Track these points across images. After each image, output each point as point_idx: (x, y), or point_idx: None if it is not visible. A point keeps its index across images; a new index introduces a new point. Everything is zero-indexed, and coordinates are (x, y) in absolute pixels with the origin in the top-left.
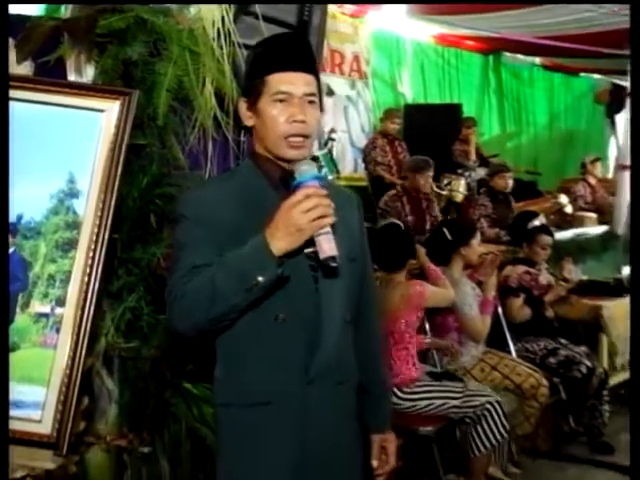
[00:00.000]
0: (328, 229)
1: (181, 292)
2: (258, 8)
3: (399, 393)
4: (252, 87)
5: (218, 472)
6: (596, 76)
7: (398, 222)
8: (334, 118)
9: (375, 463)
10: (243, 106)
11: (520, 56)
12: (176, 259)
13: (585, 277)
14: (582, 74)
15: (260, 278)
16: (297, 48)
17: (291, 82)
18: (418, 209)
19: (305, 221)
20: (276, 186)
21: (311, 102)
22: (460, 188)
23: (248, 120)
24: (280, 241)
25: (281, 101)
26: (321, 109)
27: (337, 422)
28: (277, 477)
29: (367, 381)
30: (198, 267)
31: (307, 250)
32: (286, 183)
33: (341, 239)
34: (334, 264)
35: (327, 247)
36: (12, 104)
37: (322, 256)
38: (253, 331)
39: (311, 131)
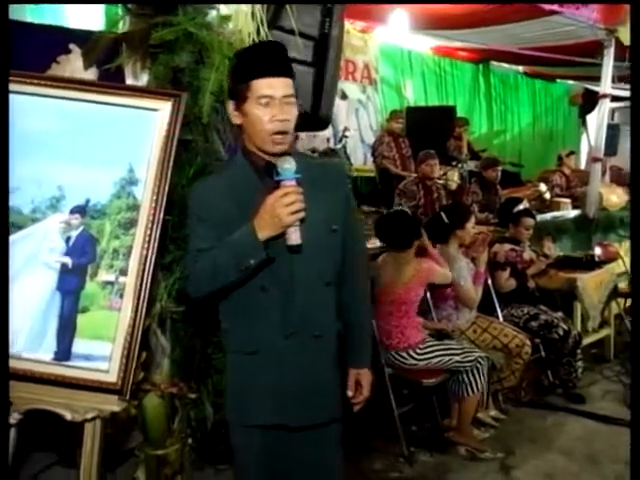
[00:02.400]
0: (298, 222)
1: (190, 272)
2: (286, 23)
3: (414, 354)
4: (238, 90)
5: (225, 407)
6: (570, 82)
7: (406, 209)
8: (347, 118)
9: (349, 393)
10: (231, 106)
11: (506, 65)
12: (188, 243)
13: (561, 253)
14: (559, 80)
15: (252, 261)
16: (275, 55)
17: (272, 86)
18: (429, 193)
19: (285, 214)
20: (260, 176)
21: (289, 102)
22: (454, 178)
23: (235, 119)
24: (265, 229)
25: (264, 103)
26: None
27: (314, 366)
28: (262, 409)
29: (348, 326)
30: (202, 250)
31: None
32: (269, 173)
33: (323, 212)
34: (297, 250)
35: (294, 237)
36: (80, 104)
37: (289, 243)
38: (244, 298)
39: (290, 128)
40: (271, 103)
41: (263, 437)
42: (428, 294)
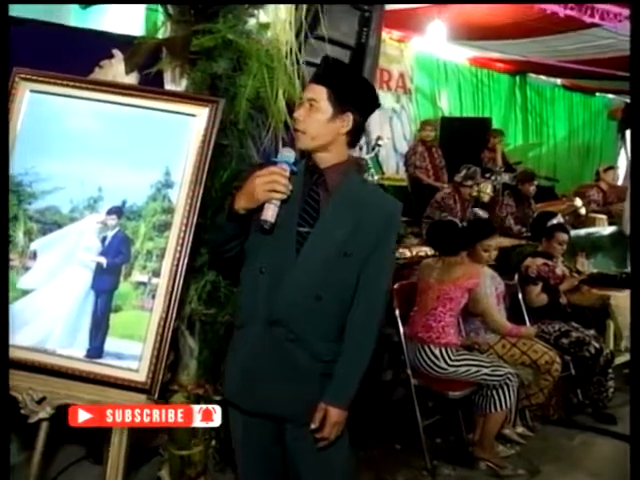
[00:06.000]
0: (277, 202)
1: None
2: (323, 31)
3: (446, 358)
4: None
5: None
6: (610, 96)
7: (455, 220)
8: (381, 127)
9: (312, 425)
10: None
11: (543, 77)
12: None
13: (596, 270)
14: (598, 94)
15: (221, 221)
16: (322, 66)
17: (305, 90)
18: (463, 206)
19: (260, 189)
20: (306, 171)
21: (311, 105)
22: (487, 190)
23: None
24: (241, 199)
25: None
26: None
27: (279, 364)
28: (228, 384)
29: (339, 357)
30: None
31: (301, 229)
32: (309, 170)
33: (341, 233)
34: (266, 227)
35: (269, 213)
36: (121, 108)
37: (262, 217)
38: (247, 276)
39: (302, 127)
40: (301, 104)
41: (244, 420)
42: None
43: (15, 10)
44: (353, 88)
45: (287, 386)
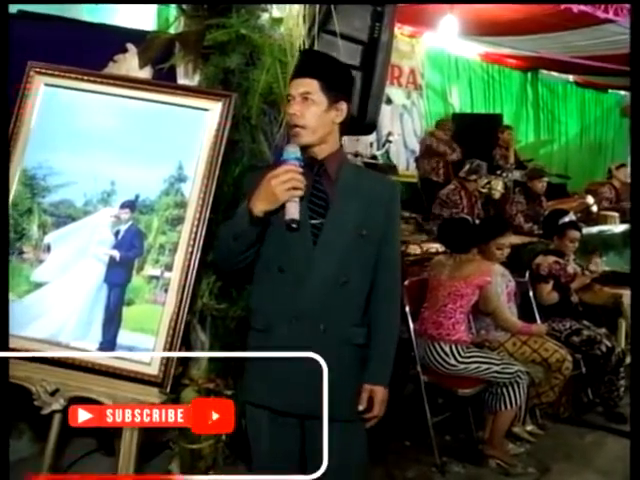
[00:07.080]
0: (297, 199)
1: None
2: (335, 27)
3: (456, 354)
4: None
5: None
6: (623, 92)
7: (467, 217)
8: (391, 123)
9: (360, 407)
10: None
11: (555, 73)
12: None
13: (608, 268)
14: (610, 90)
15: (239, 229)
16: (306, 59)
17: (293, 86)
18: (470, 202)
19: (280, 190)
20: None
21: (306, 99)
22: (498, 187)
23: None
24: (260, 203)
25: (289, 101)
26: (329, 106)
27: (311, 363)
28: (257, 387)
29: (371, 337)
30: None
31: (313, 221)
32: (308, 165)
33: (355, 217)
34: (294, 225)
35: (292, 211)
36: (134, 102)
37: (287, 217)
38: (265, 277)
39: (302, 122)
40: (291, 100)
41: (271, 419)
42: None
43: (28, 7)
44: (342, 77)
45: (314, 380)
